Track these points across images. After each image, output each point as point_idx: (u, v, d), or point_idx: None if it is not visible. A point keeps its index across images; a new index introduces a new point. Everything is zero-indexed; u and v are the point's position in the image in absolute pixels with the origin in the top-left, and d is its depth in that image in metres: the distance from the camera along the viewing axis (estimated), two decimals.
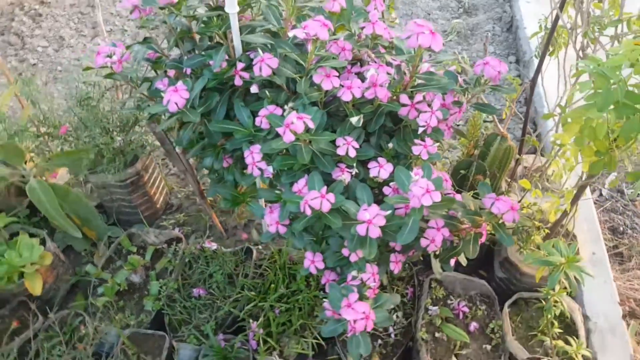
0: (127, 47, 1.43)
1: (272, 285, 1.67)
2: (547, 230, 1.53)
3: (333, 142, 1.15)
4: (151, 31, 1.85)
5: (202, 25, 1.28)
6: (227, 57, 1.27)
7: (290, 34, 1.05)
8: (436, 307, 1.59)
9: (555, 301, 1.61)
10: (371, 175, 1.15)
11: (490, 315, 1.60)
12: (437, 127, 1.14)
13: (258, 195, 1.52)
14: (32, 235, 1.83)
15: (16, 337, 1.61)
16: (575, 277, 1.10)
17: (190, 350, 1.59)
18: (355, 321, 1.14)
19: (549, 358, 1.41)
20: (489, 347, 1.51)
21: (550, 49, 1.74)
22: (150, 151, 2.00)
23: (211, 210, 1.98)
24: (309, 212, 1.09)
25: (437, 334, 1.54)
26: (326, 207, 1.08)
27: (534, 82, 1.57)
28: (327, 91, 1.16)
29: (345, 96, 1.11)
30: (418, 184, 1.02)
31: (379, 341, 1.57)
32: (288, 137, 1.07)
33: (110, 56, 1.34)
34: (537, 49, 1.76)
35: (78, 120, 1.85)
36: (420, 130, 1.13)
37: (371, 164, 1.16)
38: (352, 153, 1.12)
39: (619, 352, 1.51)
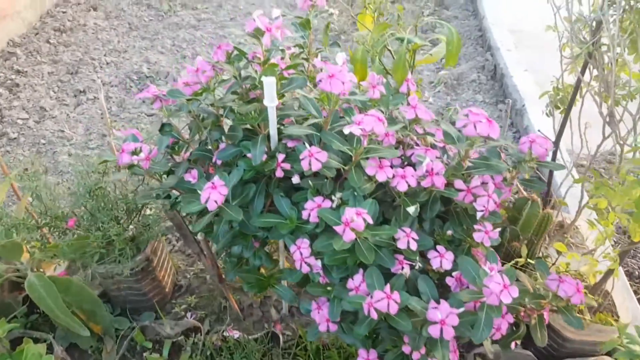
0: (141, 130, 1.36)
1: None
2: (590, 297, 1.50)
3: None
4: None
5: (238, 116, 1.23)
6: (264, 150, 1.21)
7: (346, 131, 1.00)
8: None
9: None
10: (433, 267, 1.10)
11: None
12: (494, 210, 1.10)
13: (284, 276, 1.43)
14: (36, 340, 1.67)
15: None
16: None
17: None
18: None
19: None
20: None
21: (559, 106, 1.78)
22: (161, 234, 1.89)
23: (230, 294, 1.87)
24: (374, 315, 1.02)
25: None
26: (394, 309, 1.01)
27: (557, 141, 1.57)
28: (377, 181, 1.11)
29: (401, 186, 1.07)
30: (494, 280, 0.97)
31: None
32: (349, 236, 1.01)
33: (136, 153, 1.26)
34: (548, 106, 1.78)
35: (85, 210, 1.74)
36: (479, 215, 1.09)
37: (431, 254, 1.11)
38: (414, 246, 1.07)
39: None
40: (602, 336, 1.54)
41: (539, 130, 1.63)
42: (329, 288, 1.17)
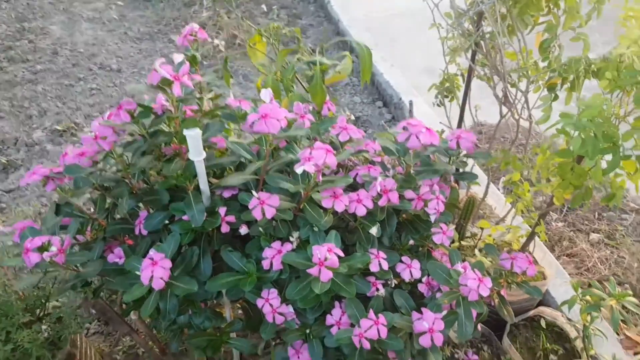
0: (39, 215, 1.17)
1: None
2: None
3: None
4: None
5: (162, 177, 1.11)
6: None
7: (299, 170, 0.96)
8: None
9: (540, 316, 1.74)
10: (405, 279, 1.11)
11: (494, 352, 1.65)
12: (444, 210, 1.15)
13: (235, 328, 1.34)
14: None
15: None
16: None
17: None
18: None
19: None
20: None
21: (447, 95, 1.92)
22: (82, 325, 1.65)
23: None
24: (367, 345, 1.00)
25: None
26: (384, 333, 1.00)
27: (460, 126, 1.70)
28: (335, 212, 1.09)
29: (359, 211, 1.06)
30: (469, 277, 1.01)
31: None
32: (326, 276, 0.97)
33: (45, 249, 1.06)
34: (437, 96, 1.92)
35: None
36: (432, 218, 1.13)
37: (399, 267, 1.12)
38: (386, 265, 1.07)
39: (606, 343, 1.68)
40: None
41: (440, 122, 1.74)
42: (307, 331, 1.11)
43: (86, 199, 1.29)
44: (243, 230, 1.11)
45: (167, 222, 1.16)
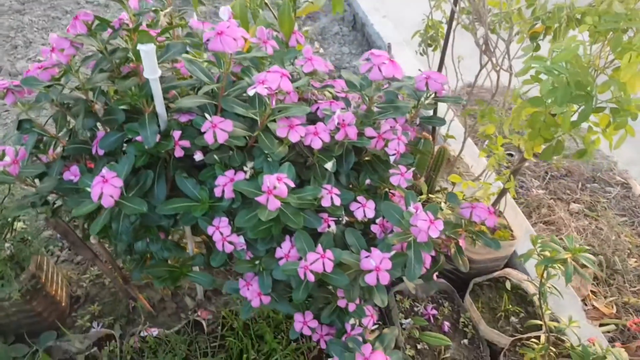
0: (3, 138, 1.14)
1: (244, 355, 1.51)
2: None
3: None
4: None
5: (115, 95, 1.07)
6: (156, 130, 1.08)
7: (251, 92, 0.92)
8: (409, 320, 1.60)
9: (505, 277, 1.74)
10: (357, 218, 1.09)
11: (455, 309, 1.67)
12: (404, 151, 1.12)
13: (196, 262, 1.34)
14: None
15: None
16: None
17: None
18: None
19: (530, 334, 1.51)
20: (466, 341, 1.57)
21: (431, 44, 1.86)
22: (43, 246, 1.65)
23: (136, 291, 1.71)
24: (311, 277, 0.99)
25: (419, 346, 1.55)
26: (329, 267, 0.99)
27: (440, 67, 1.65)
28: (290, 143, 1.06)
29: (315, 143, 1.03)
30: (420, 217, 0.99)
31: None
32: (274, 205, 0.95)
33: (0, 158, 1.05)
34: (421, 44, 1.85)
35: None
36: (392, 159, 1.10)
37: (353, 206, 1.10)
38: (338, 201, 1.05)
39: (570, 302, 1.69)
40: (502, 252, 1.71)
41: (419, 70, 1.69)
42: (256, 262, 1.11)
43: (51, 121, 1.27)
44: (197, 156, 1.09)
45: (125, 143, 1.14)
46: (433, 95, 1.18)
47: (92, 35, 1.06)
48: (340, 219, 1.09)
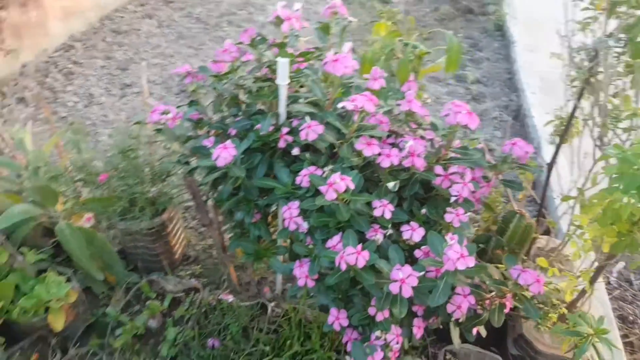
0: (178, 107, 1.56)
1: (288, 342, 1.68)
2: (563, 310, 1.57)
3: (369, 204, 1.24)
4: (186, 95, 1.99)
5: (254, 93, 1.41)
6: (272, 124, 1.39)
7: (340, 105, 1.16)
8: None
9: None
10: (404, 237, 1.22)
11: None
12: (467, 198, 1.22)
13: (280, 251, 1.57)
14: (58, 274, 1.87)
15: None
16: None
17: None
18: None
19: None
20: None
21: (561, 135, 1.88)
22: (178, 203, 2.08)
23: (230, 264, 2.02)
24: (343, 267, 1.15)
25: None
26: (361, 263, 1.14)
27: (551, 165, 1.68)
28: (365, 157, 1.26)
29: (384, 163, 1.21)
30: (453, 249, 1.09)
31: None
32: (330, 195, 1.16)
33: (166, 113, 1.46)
34: (552, 135, 1.89)
35: (115, 169, 1.95)
36: (453, 199, 1.22)
37: (404, 227, 1.24)
38: (388, 215, 1.20)
39: None
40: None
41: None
42: (310, 246, 1.31)
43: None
44: (295, 151, 1.36)
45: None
46: (515, 160, 1.27)
47: (253, 45, 1.43)
48: (387, 232, 1.23)
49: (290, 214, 1.29)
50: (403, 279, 1.12)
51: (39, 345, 1.76)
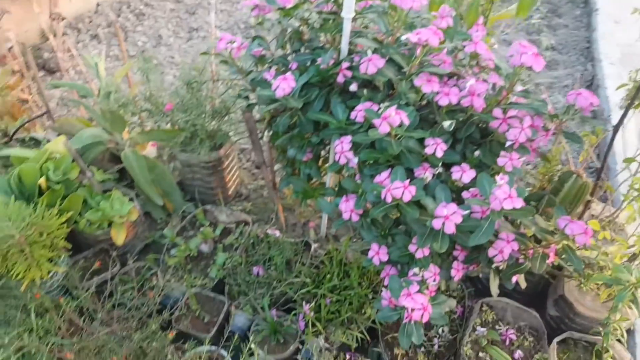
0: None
1: (327, 276, 1.75)
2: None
3: (421, 142, 1.25)
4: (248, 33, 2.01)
5: (317, 26, 1.43)
6: (333, 57, 1.40)
7: (404, 37, 1.17)
8: (484, 329, 1.61)
9: (606, 349, 1.60)
10: (453, 178, 1.23)
11: (536, 348, 1.60)
12: (524, 144, 1.21)
13: (327, 193, 1.61)
14: (122, 195, 2.02)
15: (96, 276, 1.78)
16: None
17: (245, 318, 1.68)
18: (412, 310, 1.20)
19: None
20: None
21: (636, 102, 1.78)
22: (235, 142, 2.17)
23: (279, 201, 2.10)
24: (389, 199, 1.18)
25: (480, 354, 1.56)
26: (407, 197, 1.17)
27: (617, 128, 1.61)
28: (423, 95, 1.26)
29: (442, 101, 1.21)
30: (502, 189, 1.09)
31: (422, 349, 1.61)
32: (384, 129, 1.18)
33: (232, 42, 1.51)
34: (624, 99, 1.79)
35: (180, 102, 2.04)
36: (508, 144, 1.21)
37: (454, 168, 1.24)
38: (440, 153, 1.21)
39: None
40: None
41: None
42: (358, 182, 1.34)
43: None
44: (353, 87, 1.37)
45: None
46: (578, 112, 1.23)
47: None
48: (438, 172, 1.24)
49: (341, 148, 1.32)
50: (447, 215, 1.13)
51: (101, 255, 1.93)
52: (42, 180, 1.76)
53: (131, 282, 1.72)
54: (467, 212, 1.15)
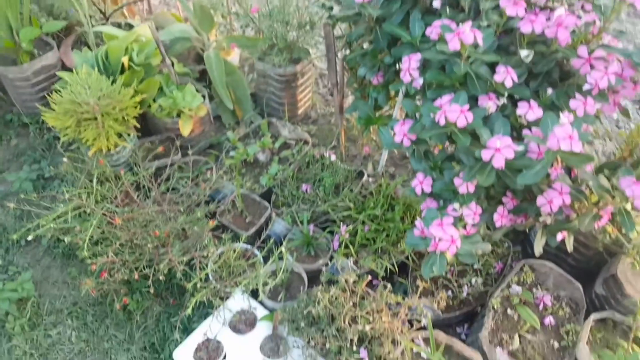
0: None
1: (371, 205, 1.75)
2: None
3: (492, 68, 1.17)
4: None
5: None
6: None
7: None
8: (519, 288, 1.55)
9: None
10: (518, 112, 1.15)
11: (571, 319, 1.51)
12: (604, 91, 1.10)
13: (392, 124, 1.58)
14: (196, 91, 2.12)
15: (157, 160, 1.92)
16: None
17: (283, 227, 1.74)
18: (440, 239, 1.18)
19: None
20: (556, 344, 1.45)
21: None
22: (313, 59, 2.17)
23: (343, 126, 2.09)
24: (442, 121, 1.14)
25: (509, 311, 1.51)
26: (462, 123, 1.12)
27: None
28: (507, 22, 1.17)
29: (525, 27, 1.12)
30: (564, 127, 1.01)
31: (450, 293, 1.59)
32: (454, 45, 1.12)
33: None
34: None
35: (266, 8, 2.06)
36: (586, 87, 1.10)
37: (521, 103, 1.16)
38: (509, 83, 1.13)
39: None
40: None
41: None
42: (419, 103, 1.30)
43: None
44: (436, 3, 1.31)
45: None
46: None
47: None
48: (502, 104, 1.17)
49: (409, 65, 1.28)
50: (499, 147, 1.08)
51: (166, 142, 2.05)
52: (125, 59, 1.88)
53: (188, 172, 1.82)
54: (521, 148, 1.08)
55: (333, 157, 1.97)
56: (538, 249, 1.41)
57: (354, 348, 1.35)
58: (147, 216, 1.62)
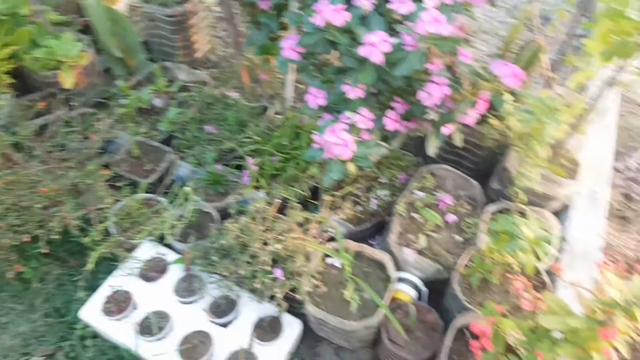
0: None
1: (277, 135, 1.74)
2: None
3: None
4: None
5: None
6: None
7: None
8: (423, 194, 1.62)
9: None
10: (390, 7, 1.17)
11: (471, 215, 1.61)
12: None
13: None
14: (77, 40, 1.97)
15: (41, 117, 1.78)
16: None
17: (188, 170, 1.70)
18: (335, 144, 1.20)
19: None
20: (459, 238, 1.55)
21: None
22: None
23: (242, 60, 2.03)
24: (321, 23, 1.14)
25: (414, 214, 1.58)
26: (339, 21, 1.12)
27: None
28: None
29: None
30: (429, 12, 1.04)
31: (359, 207, 1.63)
32: None
33: None
34: None
35: None
36: None
37: None
38: None
39: (585, 272, 1.50)
40: (550, 188, 1.58)
41: None
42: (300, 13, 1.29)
43: None
44: None
45: None
46: None
47: None
48: (377, 4, 1.18)
49: None
50: (375, 42, 1.09)
51: (48, 99, 1.89)
52: None
53: (76, 126, 1.71)
54: (396, 41, 1.10)
55: (235, 95, 1.93)
56: (432, 149, 1.48)
57: (268, 268, 1.36)
58: (34, 177, 1.52)
